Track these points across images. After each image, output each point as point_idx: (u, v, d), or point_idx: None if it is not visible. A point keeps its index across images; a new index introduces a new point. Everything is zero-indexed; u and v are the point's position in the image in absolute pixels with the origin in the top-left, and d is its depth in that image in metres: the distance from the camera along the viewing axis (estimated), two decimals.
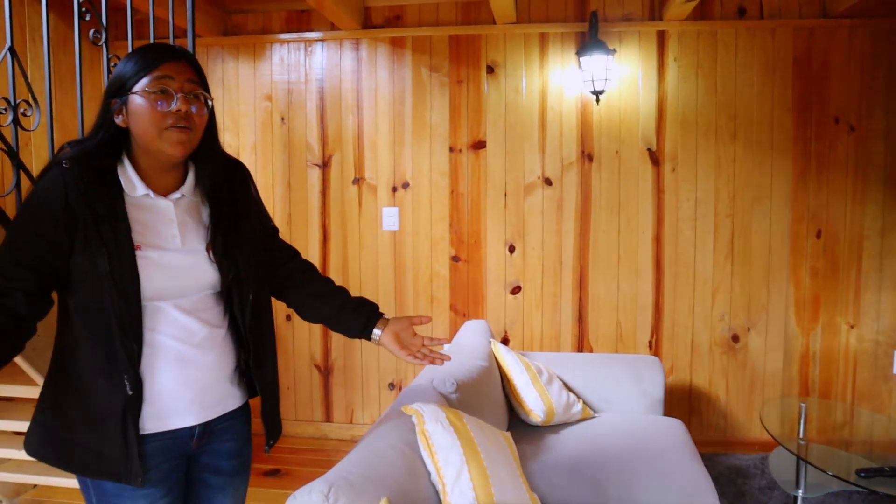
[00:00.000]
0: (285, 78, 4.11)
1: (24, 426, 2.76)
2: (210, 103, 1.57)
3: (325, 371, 4.25)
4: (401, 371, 4.16)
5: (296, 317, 4.23)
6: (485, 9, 3.84)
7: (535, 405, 3.02)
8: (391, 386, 4.16)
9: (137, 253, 1.49)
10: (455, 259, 4.05)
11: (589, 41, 3.65)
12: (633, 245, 3.88)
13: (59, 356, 1.54)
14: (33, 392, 2.49)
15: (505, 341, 4.03)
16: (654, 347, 3.90)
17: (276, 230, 1.88)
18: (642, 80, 3.80)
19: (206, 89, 1.57)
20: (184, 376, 1.57)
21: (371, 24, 4.02)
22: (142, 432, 1.52)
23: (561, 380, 3.29)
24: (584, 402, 3.25)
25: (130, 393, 1.47)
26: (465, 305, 4.07)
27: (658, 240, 3.86)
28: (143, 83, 1.47)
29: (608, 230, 3.89)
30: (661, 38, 3.77)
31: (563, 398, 3.10)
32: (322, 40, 4.06)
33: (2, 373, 2.70)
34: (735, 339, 3.85)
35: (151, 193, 1.54)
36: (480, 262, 4.04)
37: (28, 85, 2.23)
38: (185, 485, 1.68)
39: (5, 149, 2.17)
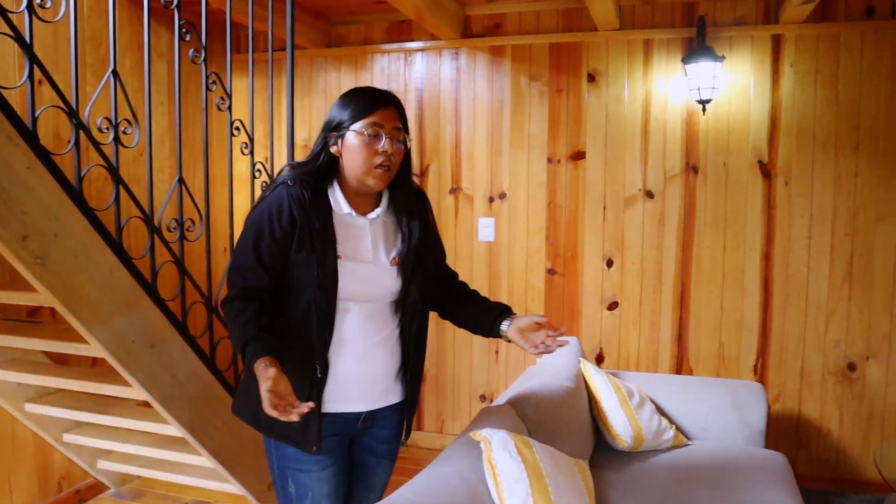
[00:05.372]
0: (385, 88, 4.14)
1: (128, 423, 2.93)
2: (409, 143, 1.85)
3: None
4: (492, 383, 4.11)
5: None
6: (587, 16, 3.72)
7: (622, 430, 2.90)
8: (482, 398, 4.12)
9: (339, 262, 1.79)
10: (551, 272, 3.96)
11: (696, 47, 3.47)
12: (739, 263, 3.65)
13: None
14: (131, 393, 2.62)
15: (599, 359, 3.90)
16: (760, 373, 3.66)
17: (444, 255, 2.15)
18: (754, 87, 3.56)
19: (406, 130, 1.85)
20: (359, 369, 1.86)
21: (470, 32, 3.99)
22: (323, 411, 1.83)
23: (654, 403, 3.14)
24: (678, 429, 3.09)
25: (319, 376, 1.80)
26: (559, 320, 3.97)
27: (768, 258, 3.61)
28: (359, 125, 1.76)
29: (713, 246, 3.69)
30: (777, 43, 3.53)
31: (655, 423, 2.96)
32: (422, 50, 4.08)
33: (106, 374, 2.88)
34: (851, 367, 3.55)
35: (354, 213, 1.84)
36: (577, 276, 3.92)
37: (130, 106, 2.34)
38: (349, 461, 1.99)
39: (106, 165, 2.29)
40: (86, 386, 2.76)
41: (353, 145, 1.77)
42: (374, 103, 1.78)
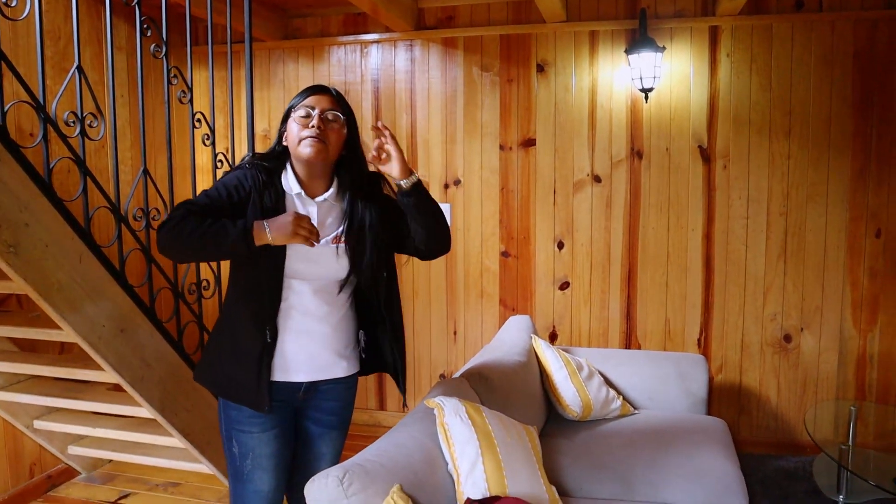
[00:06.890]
0: (342, 79, 4.27)
1: (99, 406, 3.03)
2: (346, 122, 1.96)
3: None
4: (451, 362, 4.27)
5: None
6: (535, 8, 3.87)
7: (572, 400, 3.08)
8: (442, 377, 4.28)
9: None
10: (505, 255, 4.13)
11: (638, 38, 3.65)
12: (682, 243, 3.86)
13: (226, 309, 2.05)
14: (103, 377, 2.73)
15: (553, 336, 4.09)
16: (703, 346, 3.88)
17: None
18: (694, 76, 3.76)
19: (346, 114, 1.97)
20: (300, 342, 2.01)
21: (424, 25, 4.12)
22: (271, 379, 1.98)
23: (603, 376, 3.32)
24: (626, 399, 3.28)
25: (269, 341, 1.96)
26: (514, 300, 4.14)
27: (708, 237, 3.83)
28: (295, 112, 1.95)
29: (657, 227, 3.89)
30: (714, 34, 3.73)
31: (602, 394, 3.14)
32: (377, 42, 4.20)
33: (76, 360, 2.97)
34: (787, 339, 3.79)
35: (304, 193, 1.97)
36: (530, 258, 4.10)
37: (95, 100, 2.44)
38: (293, 429, 2.13)
39: (73, 158, 2.38)
40: (57, 371, 2.85)
41: (290, 126, 1.95)
42: (307, 92, 1.97)
